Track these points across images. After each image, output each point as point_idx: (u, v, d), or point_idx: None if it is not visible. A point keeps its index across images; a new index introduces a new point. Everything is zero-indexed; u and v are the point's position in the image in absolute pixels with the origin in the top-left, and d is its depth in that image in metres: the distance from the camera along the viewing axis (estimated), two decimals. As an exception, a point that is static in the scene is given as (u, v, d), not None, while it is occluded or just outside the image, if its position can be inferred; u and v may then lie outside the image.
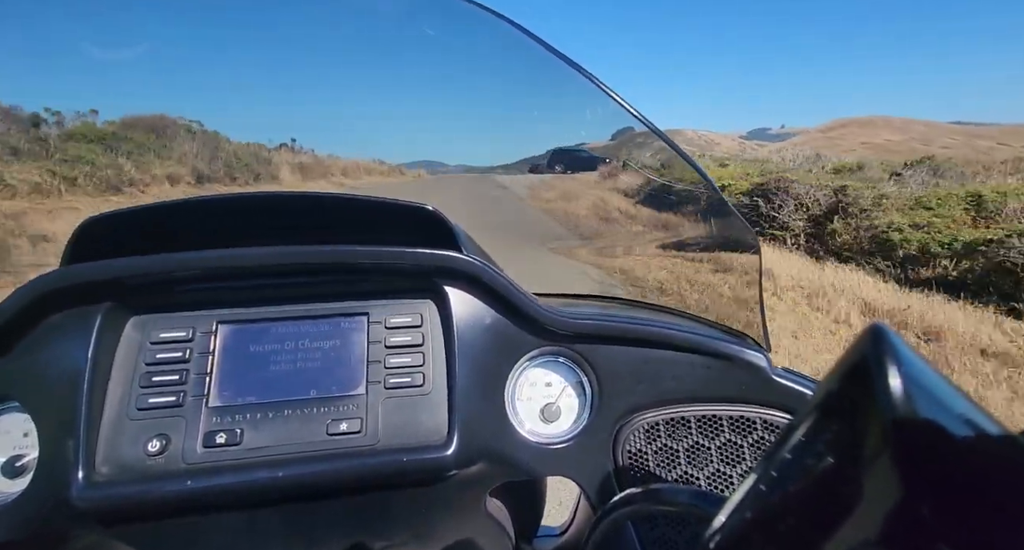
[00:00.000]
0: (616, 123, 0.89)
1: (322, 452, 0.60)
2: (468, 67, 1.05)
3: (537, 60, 0.81)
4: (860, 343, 0.21)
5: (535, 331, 0.70)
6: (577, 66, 0.79)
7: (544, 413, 0.70)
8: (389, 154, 2.38)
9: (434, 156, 2.44)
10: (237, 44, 1.13)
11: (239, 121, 2.21)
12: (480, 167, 2.70)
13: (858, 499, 0.18)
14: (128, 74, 1.61)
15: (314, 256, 0.65)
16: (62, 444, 0.55)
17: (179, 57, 1.07)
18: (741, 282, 0.88)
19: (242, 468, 0.57)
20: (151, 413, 0.59)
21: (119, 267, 0.61)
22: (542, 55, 0.79)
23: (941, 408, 0.18)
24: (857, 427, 0.20)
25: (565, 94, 0.88)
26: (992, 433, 0.18)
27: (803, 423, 0.23)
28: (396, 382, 0.65)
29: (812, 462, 0.21)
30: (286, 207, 0.74)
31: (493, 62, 1.07)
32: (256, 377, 0.63)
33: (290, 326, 0.66)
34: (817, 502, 0.21)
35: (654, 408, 0.71)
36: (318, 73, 1.34)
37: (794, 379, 0.73)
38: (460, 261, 0.68)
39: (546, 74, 0.84)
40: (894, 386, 0.19)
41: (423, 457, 0.61)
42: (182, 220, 0.71)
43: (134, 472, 0.57)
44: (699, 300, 0.90)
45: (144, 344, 0.62)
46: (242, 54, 1.21)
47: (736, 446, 0.71)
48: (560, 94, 0.91)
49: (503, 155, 2.07)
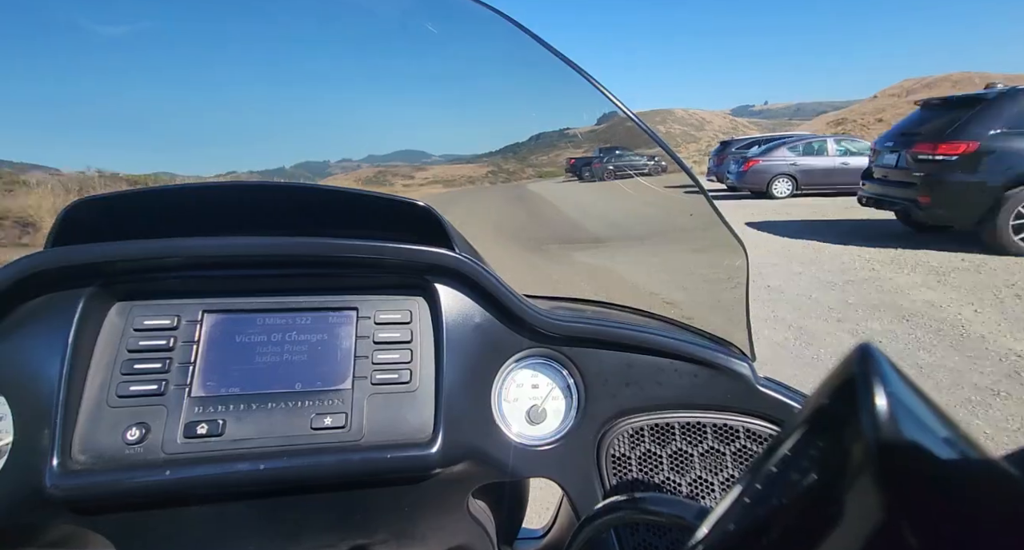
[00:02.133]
0: (601, 107, 0.88)
1: (305, 446, 0.60)
2: (445, 53, 1.03)
3: (517, 46, 0.80)
4: (848, 361, 0.21)
5: (524, 332, 0.70)
6: (562, 56, 0.78)
7: (530, 414, 0.70)
8: (366, 148, 2.22)
9: (415, 146, 2.29)
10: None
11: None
12: (465, 156, 2.57)
13: (840, 517, 0.19)
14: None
15: (305, 248, 0.65)
16: (37, 430, 0.54)
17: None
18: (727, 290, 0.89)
19: (223, 460, 0.57)
20: (131, 401, 0.58)
21: (104, 251, 0.60)
22: (523, 40, 0.78)
23: (925, 430, 0.19)
24: (842, 445, 0.20)
25: (548, 80, 0.87)
26: (975, 457, 0.19)
27: (789, 437, 0.23)
28: (383, 378, 0.64)
29: (797, 477, 0.22)
30: (279, 197, 0.73)
31: (471, 48, 1.06)
32: (241, 368, 0.62)
33: (277, 318, 0.65)
34: (801, 517, 0.21)
35: (639, 413, 0.72)
36: (281, 63, 1.28)
37: (777, 389, 0.74)
38: (452, 259, 0.67)
39: (527, 60, 0.83)
40: (879, 406, 0.19)
41: (407, 454, 0.60)
42: (172, 206, 0.70)
43: (111, 461, 0.56)
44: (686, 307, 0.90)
45: (127, 330, 0.61)
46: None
47: (719, 454, 0.71)
48: (543, 79, 0.90)
49: (486, 143, 1.98)
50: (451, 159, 2.58)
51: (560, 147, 1.82)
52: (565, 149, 1.79)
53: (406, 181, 2.53)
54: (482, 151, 2.23)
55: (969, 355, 3.74)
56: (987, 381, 3.33)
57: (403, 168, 2.62)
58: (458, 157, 2.58)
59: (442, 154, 2.46)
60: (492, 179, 2.28)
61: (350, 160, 2.42)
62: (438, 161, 2.56)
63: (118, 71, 1.31)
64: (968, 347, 3.87)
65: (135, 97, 1.43)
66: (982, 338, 4.03)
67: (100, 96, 1.51)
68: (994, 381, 3.32)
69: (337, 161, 2.37)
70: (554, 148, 1.86)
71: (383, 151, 2.36)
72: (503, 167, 2.22)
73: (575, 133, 1.61)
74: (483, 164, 2.42)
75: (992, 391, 3.21)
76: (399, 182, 2.53)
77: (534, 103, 1.26)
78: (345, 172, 2.46)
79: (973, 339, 4.02)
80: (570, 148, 1.76)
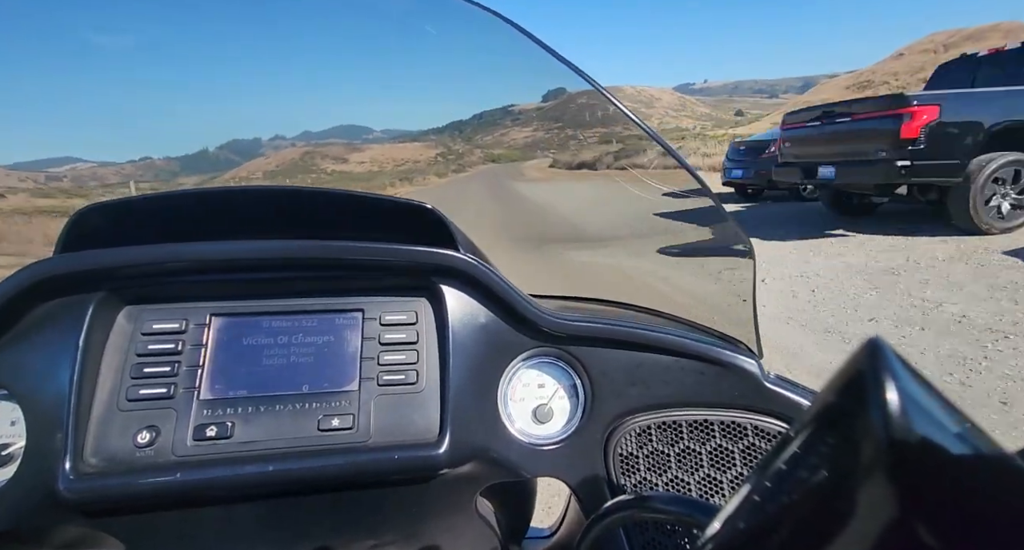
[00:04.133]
0: (551, 82, 0.81)
1: (313, 447, 0.60)
2: (387, 24, 0.95)
3: (470, 18, 0.75)
4: (857, 357, 0.21)
5: (530, 332, 0.70)
6: (511, 22, 0.74)
7: (536, 414, 0.70)
8: (301, 123, 2.01)
9: (355, 121, 2.09)
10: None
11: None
12: (411, 132, 2.37)
13: (852, 514, 0.18)
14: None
15: (310, 251, 0.65)
16: (50, 434, 0.55)
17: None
18: (734, 288, 0.89)
19: (232, 462, 0.57)
20: (141, 404, 0.59)
21: (113, 256, 0.60)
22: (477, 14, 0.73)
23: (937, 425, 0.19)
24: (852, 441, 0.20)
25: (494, 52, 0.80)
26: (988, 452, 0.18)
27: (799, 435, 0.23)
28: (389, 379, 0.65)
29: (807, 475, 0.22)
30: (284, 201, 0.73)
31: (417, 17, 0.96)
32: (248, 371, 0.62)
33: (284, 320, 0.66)
34: (812, 514, 0.21)
35: (646, 412, 0.72)
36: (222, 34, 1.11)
37: (786, 386, 0.73)
38: (457, 260, 0.68)
39: (470, 30, 0.77)
40: (890, 401, 0.19)
41: (414, 455, 0.60)
42: (178, 211, 0.70)
43: (122, 464, 0.56)
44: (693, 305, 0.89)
45: (136, 335, 0.62)
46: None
47: (727, 452, 0.71)
48: (490, 51, 0.83)
49: (431, 119, 1.83)
50: (394, 136, 2.36)
51: (504, 125, 1.68)
52: (511, 128, 1.66)
53: (337, 165, 2.30)
54: (427, 127, 2.04)
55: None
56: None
57: (335, 148, 2.39)
58: (402, 134, 2.36)
59: (384, 130, 2.26)
60: (442, 162, 2.12)
61: (283, 137, 2.23)
62: (380, 138, 2.34)
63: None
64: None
65: (31, 71, 1.24)
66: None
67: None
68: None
69: (270, 139, 2.18)
70: (498, 126, 1.71)
71: (319, 127, 2.15)
72: (452, 148, 2.05)
73: (519, 111, 1.50)
74: (429, 144, 2.22)
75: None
76: (329, 165, 2.29)
77: (485, 78, 1.14)
78: (277, 151, 2.25)
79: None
80: (515, 127, 1.63)
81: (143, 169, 2.02)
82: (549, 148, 1.61)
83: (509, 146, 1.70)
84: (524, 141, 1.61)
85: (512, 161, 1.82)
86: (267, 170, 2.22)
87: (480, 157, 1.95)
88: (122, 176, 2.05)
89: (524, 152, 1.71)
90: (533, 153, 1.68)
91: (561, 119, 1.21)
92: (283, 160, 2.32)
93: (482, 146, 1.88)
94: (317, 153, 2.42)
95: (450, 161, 2.08)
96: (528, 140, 1.60)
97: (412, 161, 2.28)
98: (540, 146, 1.58)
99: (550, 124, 1.37)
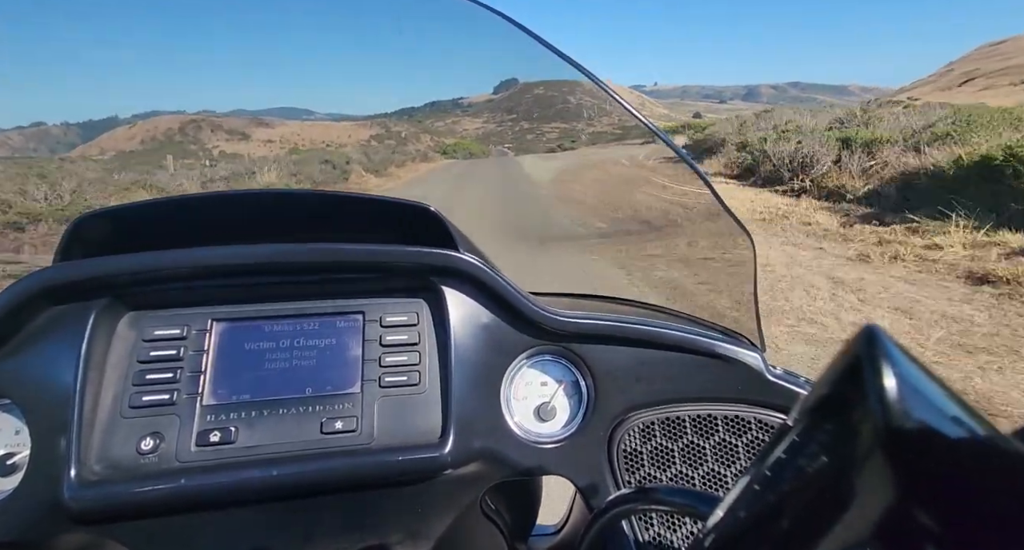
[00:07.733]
0: (499, 75, 0.78)
1: (316, 451, 0.60)
2: (347, 9, 0.91)
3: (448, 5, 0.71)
4: (854, 343, 0.21)
5: (531, 330, 0.70)
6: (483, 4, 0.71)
7: (539, 412, 0.70)
8: (235, 99, 1.95)
9: (299, 103, 2.05)
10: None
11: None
12: (356, 116, 2.35)
13: (851, 499, 0.18)
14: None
15: (310, 255, 0.65)
16: (54, 442, 0.55)
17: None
18: (735, 281, 0.88)
19: (236, 467, 0.57)
20: (144, 411, 0.59)
21: (113, 264, 0.60)
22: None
23: (934, 409, 0.19)
24: (850, 427, 0.20)
25: (457, 36, 0.77)
26: (985, 435, 0.18)
27: (797, 423, 0.23)
28: (391, 381, 0.65)
29: (806, 462, 0.22)
30: (282, 205, 0.73)
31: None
32: (251, 375, 0.62)
33: (285, 324, 0.66)
34: (811, 502, 0.21)
35: (649, 408, 0.72)
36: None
37: (789, 379, 0.73)
38: (457, 260, 0.68)
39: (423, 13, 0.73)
40: (888, 387, 0.19)
41: (418, 456, 0.60)
42: (177, 217, 0.71)
43: (127, 471, 0.56)
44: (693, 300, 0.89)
45: (138, 341, 0.62)
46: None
47: (731, 446, 0.71)
48: (455, 35, 0.79)
49: (379, 103, 1.79)
50: (337, 118, 2.31)
51: (455, 115, 1.65)
52: (461, 118, 1.62)
53: (228, 142, 2.15)
54: (374, 112, 2.00)
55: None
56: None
57: (234, 121, 2.30)
58: (345, 117, 2.29)
59: (327, 113, 2.22)
60: (377, 146, 2.08)
61: (212, 112, 2.13)
62: (321, 118, 2.29)
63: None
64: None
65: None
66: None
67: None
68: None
69: (196, 112, 2.09)
70: (449, 115, 1.68)
71: (256, 106, 2.07)
72: (392, 129, 2.01)
73: (470, 102, 1.47)
74: (368, 125, 2.18)
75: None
76: (217, 142, 2.15)
77: (458, 64, 1.09)
78: (147, 121, 2.10)
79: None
80: (466, 118, 1.59)
81: (34, 139, 1.95)
82: (503, 142, 1.58)
83: (460, 135, 1.67)
84: (476, 133, 1.57)
85: (471, 155, 1.78)
86: (124, 148, 2.09)
87: (430, 145, 1.91)
88: (9, 148, 1.99)
89: (478, 144, 1.68)
90: (486, 146, 1.64)
91: (514, 110, 1.18)
92: (151, 130, 2.18)
93: (432, 132, 1.84)
94: (206, 123, 2.31)
95: (388, 146, 2.03)
96: (480, 132, 1.56)
97: (337, 144, 2.20)
98: (493, 141, 1.54)
99: (501, 114, 1.34)
